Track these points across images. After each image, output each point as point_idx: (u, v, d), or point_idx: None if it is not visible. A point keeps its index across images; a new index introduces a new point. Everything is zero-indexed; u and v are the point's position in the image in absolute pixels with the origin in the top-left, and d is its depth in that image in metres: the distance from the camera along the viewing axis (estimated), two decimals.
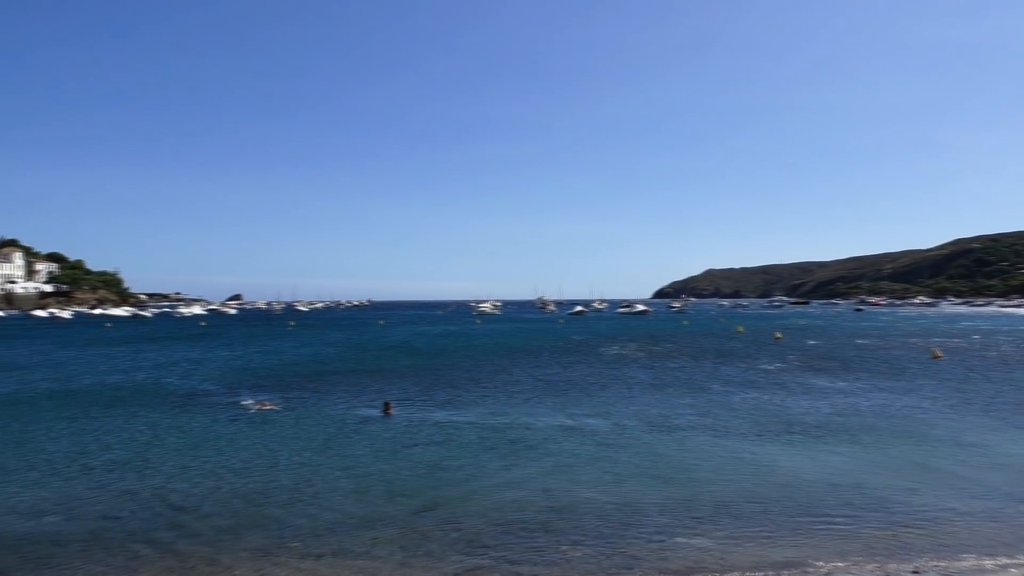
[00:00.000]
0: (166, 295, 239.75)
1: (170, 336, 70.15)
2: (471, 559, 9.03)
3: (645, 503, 11.54)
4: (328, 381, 30.20)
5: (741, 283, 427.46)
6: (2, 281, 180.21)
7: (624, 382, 29.02)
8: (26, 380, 31.76)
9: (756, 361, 38.27)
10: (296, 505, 11.58)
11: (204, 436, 17.98)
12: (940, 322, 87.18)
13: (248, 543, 9.68)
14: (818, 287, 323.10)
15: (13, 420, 20.78)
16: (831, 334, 64.98)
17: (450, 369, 35.13)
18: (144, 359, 42.85)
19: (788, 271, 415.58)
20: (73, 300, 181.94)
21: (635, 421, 19.71)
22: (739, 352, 44.60)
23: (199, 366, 38.05)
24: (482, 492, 12.32)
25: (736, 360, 39.01)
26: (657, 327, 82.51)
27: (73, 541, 9.85)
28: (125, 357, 44.50)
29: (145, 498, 12.12)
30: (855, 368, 34.21)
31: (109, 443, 17.22)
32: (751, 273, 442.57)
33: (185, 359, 42.57)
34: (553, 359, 40.52)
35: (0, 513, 11.24)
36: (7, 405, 23.74)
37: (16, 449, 16.69)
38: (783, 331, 66.12)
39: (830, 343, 52.50)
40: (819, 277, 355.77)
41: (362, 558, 9.08)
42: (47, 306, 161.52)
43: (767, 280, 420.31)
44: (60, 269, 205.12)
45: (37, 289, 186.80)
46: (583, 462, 14.65)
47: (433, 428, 18.78)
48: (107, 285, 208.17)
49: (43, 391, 27.77)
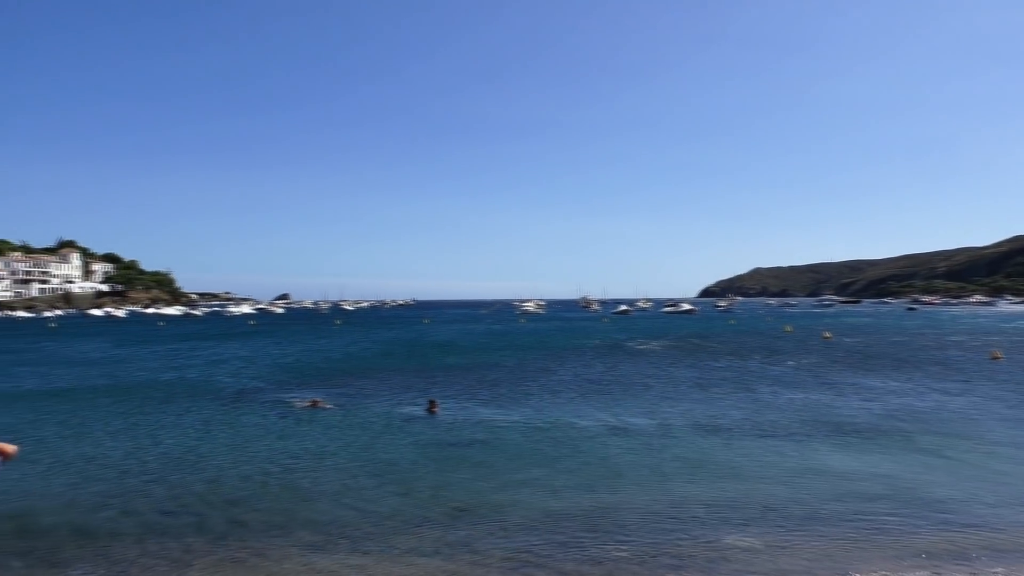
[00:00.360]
0: (216, 294, 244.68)
1: (221, 334, 71.60)
2: (516, 558, 9.04)
3: (691, 504, 11.41)
4: (374, 379, 30.52)
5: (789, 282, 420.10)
6: (61, 281, 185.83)
7: (669, 381, 28.76)
8: (85, 376, 32.73)
9: (804, 361, 37.60)
10: (343, 502, 11.72)
11: (254, 432, 18.31)
12: (998, 321, 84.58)
13: (297, 538, 9.82)
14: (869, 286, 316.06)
15: (72, 415, 21.43)
16: (883, 333, 63.53)
17: (494, 368, 35.21)
18: (196, 357, 43.81)
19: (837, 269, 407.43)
20: (127, 299, 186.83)
21: (680, 421, 19.52)
22: (787, 351, 43.86)
23: (249, 364, 38.76)
24: (526, 491, 12.31)
25: (784, 359, 38.37)
26: (703, 326, 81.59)
27: (129, 534, 10.11)
28: (178, 355, 45.56)
29: (197, 492, 12.39)
30: (908, 368, 33.38)
31: (162, 438, 17.64)
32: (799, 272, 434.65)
33: (235, 357, 43.41)
34: (597, 358, 40.34)
35: (60, 505, 11.58)
36: (67, 400, 24.50)
37: (75, 442, 17.22)
38: (832, 330, 64.82)
39: (882, 343, 51.32)
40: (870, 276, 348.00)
41: (408, 555, 9.15)
42: (103, 305, 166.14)
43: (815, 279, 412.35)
44: (115, 269, 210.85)
45: (94, 289, 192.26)
46: (628, 461, 14.56)
47: (477, 427, 18.84)
48: (160, 285, 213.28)
49: (100, 387, 28.58)
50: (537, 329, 79.15)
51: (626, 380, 29.42)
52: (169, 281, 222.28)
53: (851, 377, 30.01)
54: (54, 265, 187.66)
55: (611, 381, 29.12)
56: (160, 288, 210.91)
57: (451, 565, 8.80)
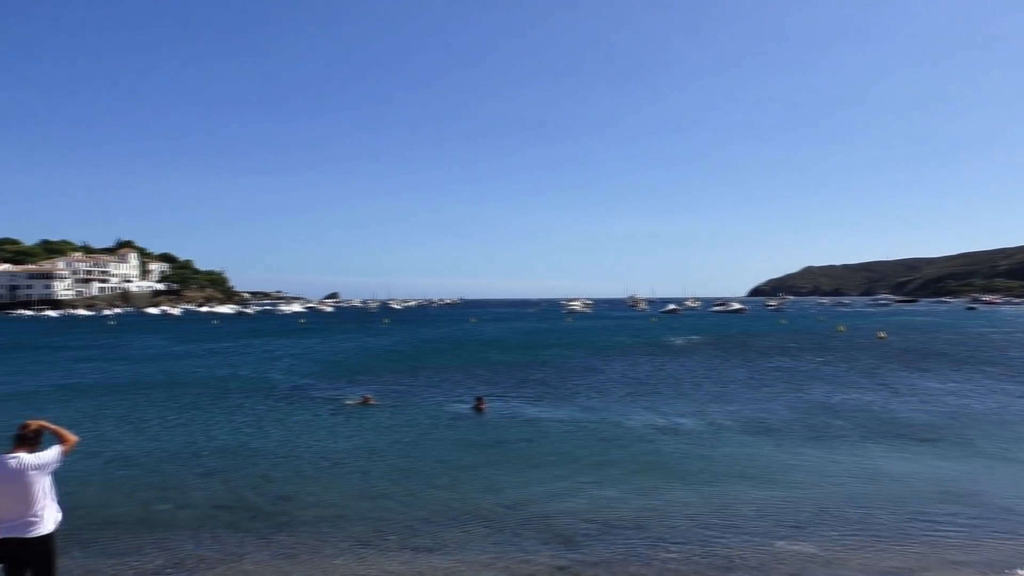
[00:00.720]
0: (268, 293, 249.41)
1: (272, 332, 72.92)
2: (563, 556, 8.99)
3: (742, 505, 11.22)
4: (422, 376, 30.74)
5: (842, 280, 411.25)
6: (119, 280, 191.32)
7: (718, 381, 28.38)
8: (142, 372, 33.64)
9: (858, 361, 36.74)
10: (392, 498, 11.81)
11: (305, 428, 18.58)
12: None
13: (348, 533, 9.93)
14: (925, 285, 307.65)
15: (131, 409, 22.04)
16: (941, 333, 61.77)
17: (541, 366, 35.17)
18: (248, 354, 44.69)
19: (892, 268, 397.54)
20: (182, 298, 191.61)
21: (730, 421, 19.23)
22: (840, 351, 42.93)
23: (300, 361, 39.39)
24: (574, 490, 12.26)
25: (837, 359, 37.56)
26: (753, 325, 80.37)
27: (185, 526, 10.34)
28: (231, 352, 46.54)
29: (250, 487, 12.61)
30: (968, 369, 32.38)
31: (216, 433, 18.02)
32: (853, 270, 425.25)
33: (287, 354, 44.15)
34: (644, 357, 40.02)
35: (119, 497, 11.90)
36: (125, 394, 25.20)
37: (134, 436, 17.70)
38: (888, 330, 63.25)
39: (940, 343, 49.89)
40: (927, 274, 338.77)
41: (456, 552, 9.17)
42: (159, 304, 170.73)
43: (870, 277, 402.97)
44: (171, 269, 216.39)
45: (150, 288, 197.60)
46: (676, 462, 14.39)
47: (524, 424, 18.83)
48: (214, 284, 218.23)
49: (157, 382, 29.34)
50: (584, 328, 78.86)
51: (674, 379, 29.11)
52: (223, 280, 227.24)
53: (907, 378, 29.23)
54: (113, 265, 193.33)
55: (659, 380, 28.85)
56: (214, 287, 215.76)
57: (500, 563, 8.80)
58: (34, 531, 6.01)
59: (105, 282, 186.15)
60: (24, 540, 5.97)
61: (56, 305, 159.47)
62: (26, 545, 5.98)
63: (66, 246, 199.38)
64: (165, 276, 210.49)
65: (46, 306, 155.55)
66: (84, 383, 29.72)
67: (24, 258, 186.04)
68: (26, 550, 5.99)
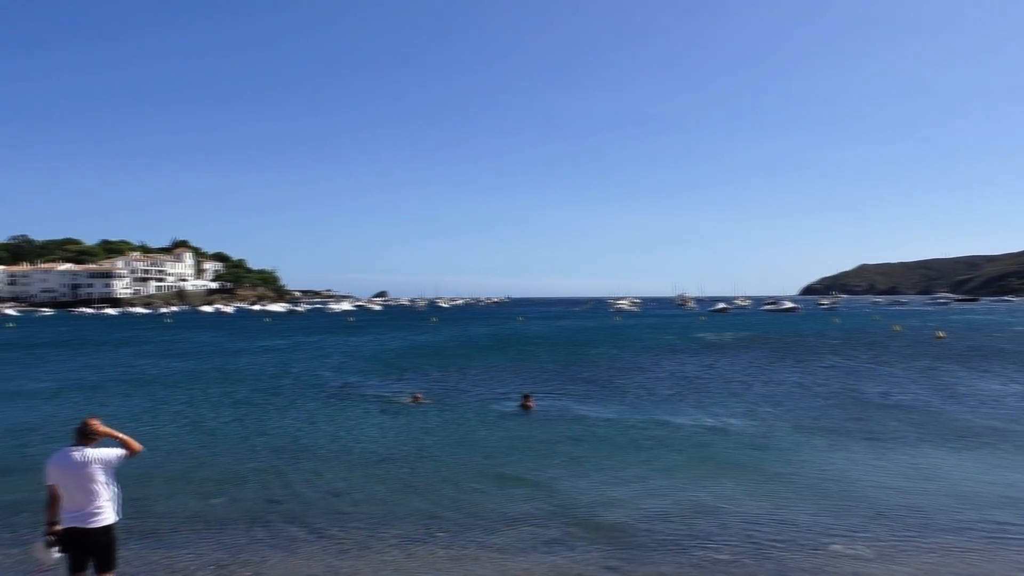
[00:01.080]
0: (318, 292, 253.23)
1: (322, 330, 74.01)
2: (614, 556, 8.93)
3: (795, 508, 11.00)
4: (470, 374, 30.88)
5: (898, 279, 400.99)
6: (175, 279, 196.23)
7: (769, 380, 27.91)
8: (198, 368, 34.45)
9: (915, 361, 35.77)
10: (441, 495, 11.87)
11: (355, 425, 18.80)
12: None
13: (397, 530, 10.01)
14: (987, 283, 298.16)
15: (187, 404, 22.59)
16: (1003, 333, 59.80)
17: (588, 364, 35.04)
18: (299, 351, 45.43)
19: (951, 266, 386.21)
20: (235, 296, 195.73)
21: (782, 422, 18.89)
22: (896, 352, 41.86)
23: (350, 358, 39.91)
24: (623, 490, 12.16)
25: (893, 360, 36.62)
26: (806, 325, 78.86)
27: (239, 520, 10.54)
28: (283, 349, 47.38)
29: (301, 483, 12.80)
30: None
31: (268, 428, 18.35)
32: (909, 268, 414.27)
33: (337, 352, 44.78)
34: (693, 356, 39.58)
35: (176, 490, 12.19)
36: (182, 390, 25.83)
37: (190, 431, 18.14)
38: (947, 330, 61.48)
39: (1002, 343, 48.29)
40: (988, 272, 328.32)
41: (504, 552, 9.18)
42: (213, 302, 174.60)
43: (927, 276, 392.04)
44: (224, 268, 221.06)
45: (205, 286, 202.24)
46: (727, 463, 14.18)
47: (572, 424, 18.77)
48: (265, 283, 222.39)
49: (212, 378, 30.02)
50: (631, 326, 78.35)
51: (724, 379, 28.72)
52: (274, 279, 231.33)
53: (967, 379, 28.35)
54: (169, 264, 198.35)
55: (708, 379, 28.49)
56: (266, 286, 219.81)
57: (548, 563, 8.78)
58: (96, 522, 6.19)
59: (162, 281, 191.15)
60: (87, 530, 6.16)
61: (115, 303, 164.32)
62: (88, 535, 6.17)
63: (125, 246, 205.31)
64: (219, 275, 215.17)
65: (106, 304, 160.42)
66: (143, 378, 30.57)
67: (85, 258, 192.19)
68: (89, 540, 6.18)
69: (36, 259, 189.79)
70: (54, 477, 6.20)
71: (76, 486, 6.15)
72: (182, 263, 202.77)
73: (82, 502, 6.16)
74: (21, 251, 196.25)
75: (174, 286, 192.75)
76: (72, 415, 19.49)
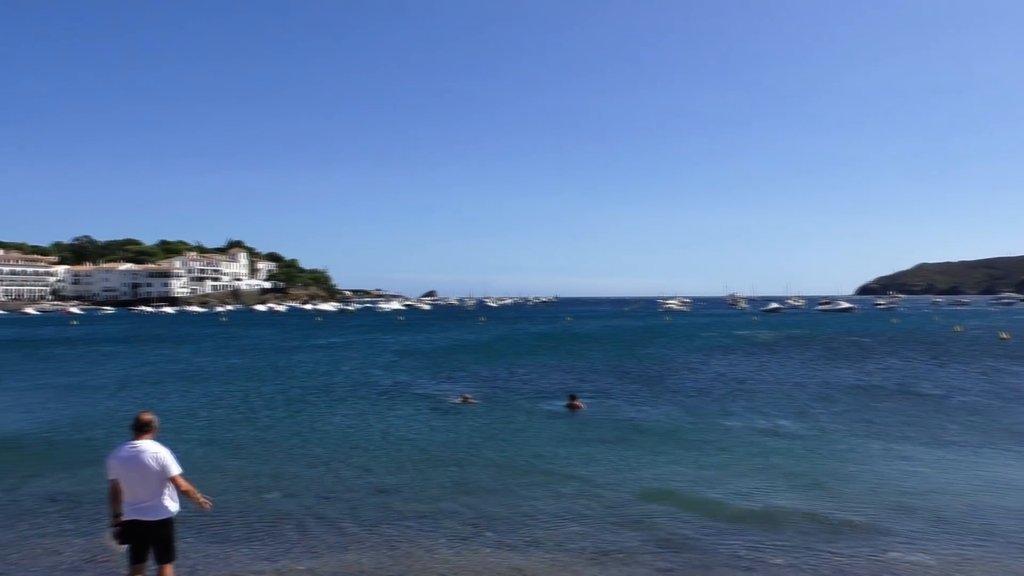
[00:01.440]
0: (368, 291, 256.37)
1: (373, 329, 74.88)
2: (664, 559, 8.83)
3: (851, 513, 10.72)
4: (518, 374, 30.91)
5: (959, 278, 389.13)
6: (230, 279, 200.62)
7: (824, 382, 27.32)
8: (253, 366, 35.16)
9: (977, 363, 34.64)
10: (489, 494, 11.89)
11: (405, 423, 18.96)
12: None
13: (446, 528, 10.05)
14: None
15: (243, 400, 23.07)
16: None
17: (636, 365, 34.77)
18: (350, 350, 46.02)
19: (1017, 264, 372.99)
20: (288, 296, 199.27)
21: (836, 424, 18.47)
22: (957, 353, 40.61)
23: (400, 357, 40.29)
24: (673, 491, 12.02)
25: (953, 361, 35.55)
26: (862, 325, 77.07)
27: (292, 515, 10.71)
28: (335, 348, 48.07)
29: (353, 479, 12.96)
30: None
31: (320, 425, 18.62)
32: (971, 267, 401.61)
33: (387, 350, 45.25)
34: (745, 357, 38.97)
35: (231, 484, 12.44)
36: (238, 385, 26.38)
37: (245, 426, 18.51)
38: (1011, 331, 59.42)
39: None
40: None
41: (554, 551, 9.14)
42: (266, 301, 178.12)
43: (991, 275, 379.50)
44: (277, 268, 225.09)
45: (259, 286, 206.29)
46: (780, 465, 13.91)
47: (621, 424, 18.63)
48: (317, 282, 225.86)
49: (266, 376, 30.59)
50: (681, 326, 77.55)
51: (776, 379, 28.22)
52: (326, 279, 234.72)
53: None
54: (224, 264, 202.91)
55: (760, 380, 28.03)
56: (317, 285, 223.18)
57: (597, 564, 8.72)
58: (156, 515, 6.36)
59: (217, 280, 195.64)
60: (147, 523, 6.33)
61: (172, 302, 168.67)
62: (149, 527, 6.34)
63: (182, 246, 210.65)
64: (272, 275, 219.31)
65: (164, 303, 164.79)
66: (201, 375, 31.33)
67: (144, 258, 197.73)
68: (149, 532, 6.35)
69: (98, 259, 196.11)
70: (115, 471, 6.39)
71: (136, 480, 6.32)
72: (236, 263, 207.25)
73: (142, 495, 6.33)
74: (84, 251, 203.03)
75: (229, 285, 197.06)
76: (133, 410, 20.05)
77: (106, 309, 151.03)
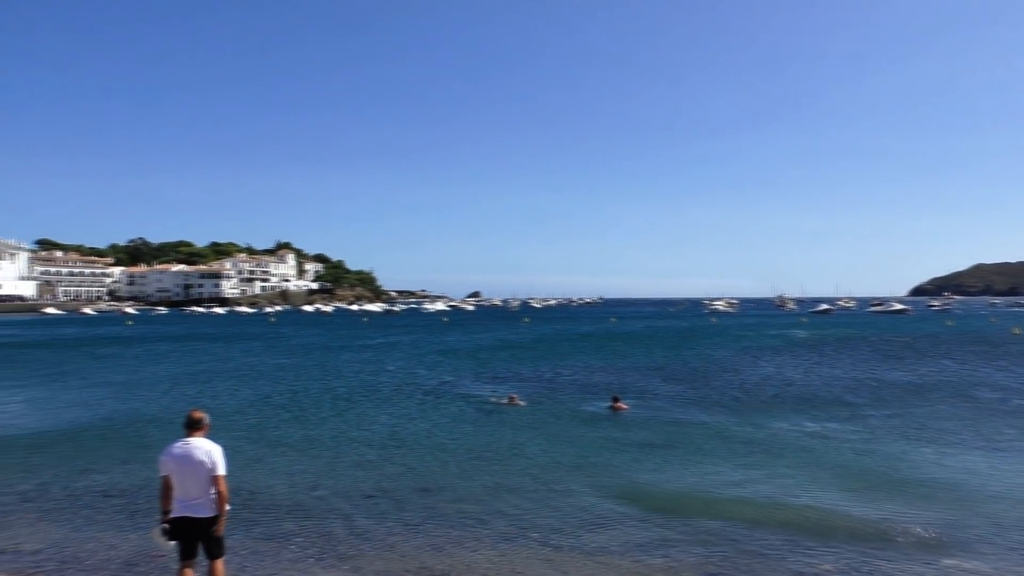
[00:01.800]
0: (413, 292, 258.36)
1: (418, 330, 75.43)
2: (710, 563, 8.72)
3: (904, 519, 10.46)
4: (562, 375, 30.83)
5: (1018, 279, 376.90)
6: (279, 280, 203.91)
7: (876, 384, 26.70)
8: (302, 364, 35.68)
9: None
10: (533, 495, 11.88)
11: (450, 424, 19.05)
12: None
13: (489, 529, 10.07)
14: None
15: (291, 399, 23.41)
16: None
17: (682, 366, 34.42)
18: (396, 350, 46.40)
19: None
20: (335, 297, 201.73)
21: (888, 427, 18.04)
22: (1015, 356, 39.34)
23: (445, 357, 40.50)
24: (718, 495, 11.87)
25: (1011, 364, 34.44)
26: (915, 327, 75.16)
27: (339, 512, 10.84)
28: (381, 348, 48.52)
29: (397, 478, 13.05)
30: None
31: (367, 424, 18.82)
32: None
33: (432, 351, 45.52)
34: (793, 358, 38.29)
35: (280, 482, 12.64)
36: (287, 383, 26.80)
37: (294, 425, 18.79)
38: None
39: None
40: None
41: (598, 554, 9.09)
42: (313, 302, 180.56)
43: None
44: (324, 269, 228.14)
45: (306, 287, 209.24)
46: (829, 470, 13.63)
47: (666, 426, 18.46)
48: (363, 283, 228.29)
49: (314, 374, 31.02)
50: (728, 327, 76.54)
51: (825, 382, 27.67)
52: (371, 279, 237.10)
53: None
54: (273, 265, 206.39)
55: (808, 383, 27.51)
56: (363, 286, 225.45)
57: (643, 565, 8.65)
58: (205, 511, 6.48)
59: (266, 281, 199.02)
60: (196, 519, 6.46)
61: (223, 302, 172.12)
62: (198, 523, 6.47)
63: (232, 247, 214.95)
64: (319, 276, 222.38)
65: (214, 303, 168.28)
66: (251, 373, 31.92)
67: (196, 259, 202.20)
68: (198, 528, 6.48)
69: (152, 261, 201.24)
70: (167, 468, 6.54)
71: (186, 477, 6.46)
72: (285, 264, 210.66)
73: (192, 492, 6.46)
74: (139, 253, 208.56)
75: (277, 286, 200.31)
76: (185, 407, 20.51)
77: (159, 309, 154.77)
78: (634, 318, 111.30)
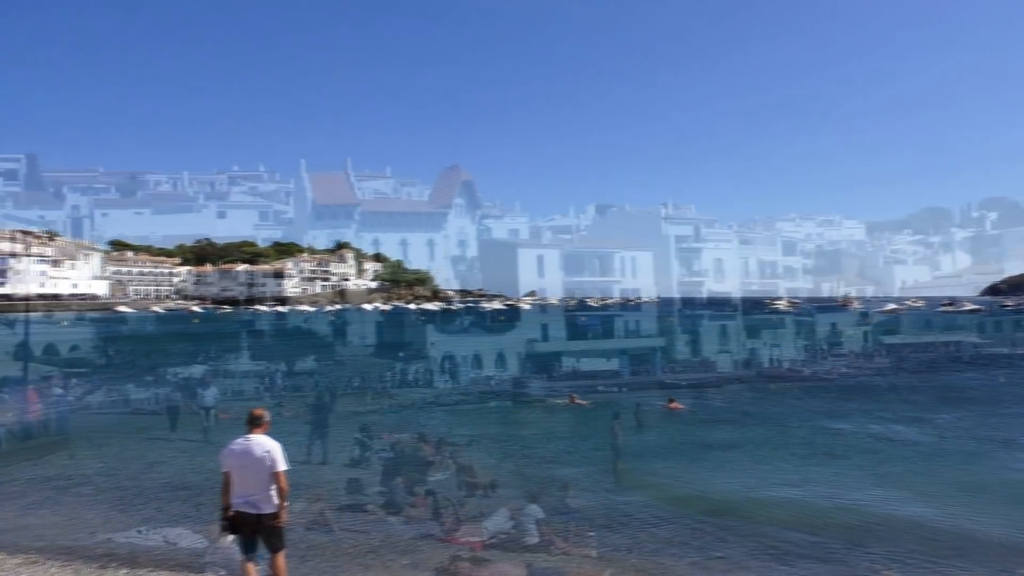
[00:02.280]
0: (470, 291, 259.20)
1: (476, 329, 75.80)
2: (773, 569, 8.51)
3: (975, 526, 10.06)
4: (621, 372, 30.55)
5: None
6: (339, 279, 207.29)
7: (944, 387, 25.78)
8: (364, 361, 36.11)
9: None
10: (591, 495, 11.78)
11: (510, 423, 19.06)
12: None
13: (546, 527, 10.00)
14: None
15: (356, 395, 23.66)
16: None
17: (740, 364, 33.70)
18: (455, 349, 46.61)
19: None
20: (392, 296, 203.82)
21: (957, 433, 17.40)
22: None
23: (506, 357, 40.50)
24: (780, 498, 11.60)
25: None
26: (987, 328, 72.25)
27: (394, 509, 10.91)
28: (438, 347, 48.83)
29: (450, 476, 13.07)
30: None
31: (423, 420, 18.88)
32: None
33: (491, 350, 45.58)
34: (857, 359, 37.20)
35: (335, 475, 12.79)
36: (343, 381, 27.12)
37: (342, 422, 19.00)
38: None
39: None
40: None
41: (655, 554, 8.98)
42: (372, 301, 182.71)
43: None
44: (383, 268, 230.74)
45: (365, 286, 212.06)
46: (896, 474, 13.21)
47: (724, 426, 18.16)
48: (421, 282, 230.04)
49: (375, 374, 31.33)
50: (788, 327, 74.79)
51: (891, 383, 26.86)
52: (429, 279, 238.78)
53: None
54: (333, 264, 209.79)
55: (873, 385, 26.73)
56: (421, 285, 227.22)
57: (701, 570, 8.50)
58: (265, 507, 6.57)
59: (327, 280, 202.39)
60: (256, 515, 6.55)
61: (284, 301, 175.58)
62: (258, 519, 6.56)
63: (293, 247, 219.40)
64: (378, 275, 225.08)
65: (277, 302, 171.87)
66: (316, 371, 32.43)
67: (259, 259, 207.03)
68: (258, 523, 6.58)
69: (217, 261, 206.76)
70: (228, 464, 6.65)
71: (246, 473, 6.55)
72: (345, 264, 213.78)
73: (252, 488, 6.55)
74: (204, 253, 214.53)
75: (337, 285, 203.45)
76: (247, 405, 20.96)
77: (224, 308, 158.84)
78: (695, 316, 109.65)
